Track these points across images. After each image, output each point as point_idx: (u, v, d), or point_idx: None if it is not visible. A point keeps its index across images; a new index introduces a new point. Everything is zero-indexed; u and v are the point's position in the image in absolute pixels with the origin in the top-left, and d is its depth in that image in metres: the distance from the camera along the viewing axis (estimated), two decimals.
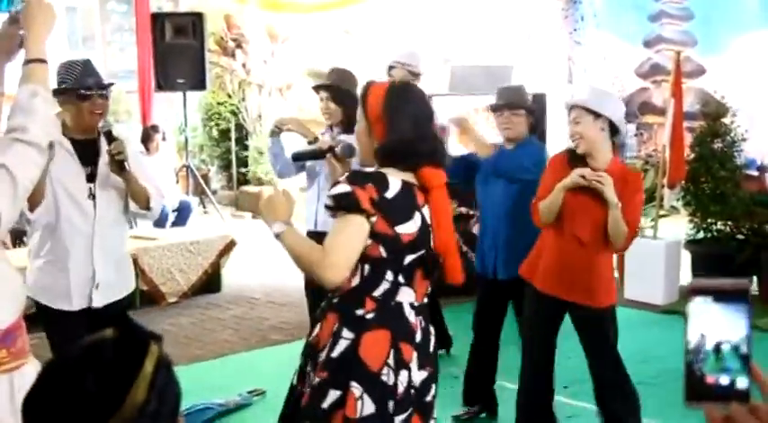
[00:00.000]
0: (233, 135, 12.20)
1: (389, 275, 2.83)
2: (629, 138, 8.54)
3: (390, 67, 5.78)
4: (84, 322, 3.99)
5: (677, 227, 7.86)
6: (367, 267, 2.82)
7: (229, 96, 12.13)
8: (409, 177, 2.87)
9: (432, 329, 3.03)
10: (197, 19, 9.74)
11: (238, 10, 11.51)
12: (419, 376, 2.88)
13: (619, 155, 8.20)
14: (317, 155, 3.01)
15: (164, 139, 9.84)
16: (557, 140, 7.63)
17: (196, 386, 5.24)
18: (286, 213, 2.88)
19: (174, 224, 9.16)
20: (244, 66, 12.02)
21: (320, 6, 10.37)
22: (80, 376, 1.37)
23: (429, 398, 2.95)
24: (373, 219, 2.77)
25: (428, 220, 2.88)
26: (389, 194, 2.79)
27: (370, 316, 2.82)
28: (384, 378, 2.78)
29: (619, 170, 4.06)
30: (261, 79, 12.04)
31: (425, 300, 2.98)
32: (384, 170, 2.86)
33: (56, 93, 3.81)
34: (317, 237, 5.66)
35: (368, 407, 2.75)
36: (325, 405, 2.78)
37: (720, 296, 1.08)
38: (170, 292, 7.59)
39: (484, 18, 10.92)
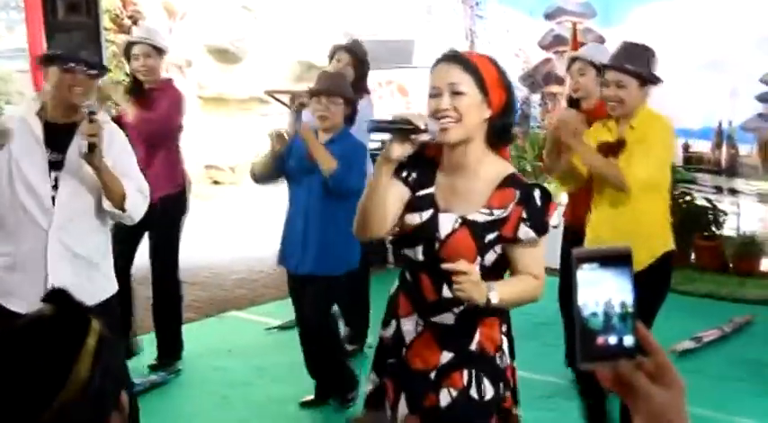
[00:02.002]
0: None
1: None
2: (533, 107, 8.74)
3: (132, 45, 5.60)
4: None
5: None
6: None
7: (127, 75, 11.87)
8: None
9: None
10: None
11: None
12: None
13: (523, 125, 8.47)
14: (410, 131, 2.61)
15: None
16: None
17: None
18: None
19: None
20: None
21: None
22: (21, 355, 1.33)
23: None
24: None
25: None
26: None
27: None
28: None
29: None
30: None
31: None
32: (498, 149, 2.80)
33: (45, 59, 3.66)
34: None
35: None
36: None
37: (605, 262, 1.14)
38: None
39: None
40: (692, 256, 7.69)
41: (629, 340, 1.13)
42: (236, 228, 9.73)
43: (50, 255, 3.59)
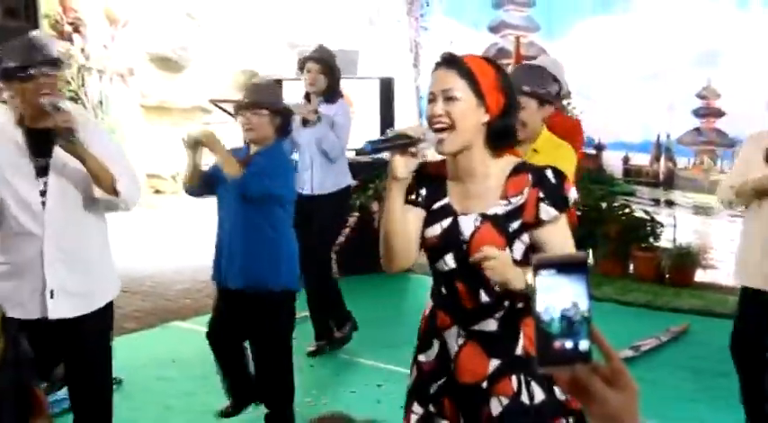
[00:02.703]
0: None
1: None
2: None
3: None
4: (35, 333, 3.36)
5: None
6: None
7: (68, 82, 11.77)
8: None
9: None
10: (30, 1, 9.42)
11: None
12: None
13: None
14: (407, 145, 2.60)
15: None
16: (404, 121, 7.83)
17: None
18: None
19: None
20: (82, 50, 11.70)
21: None
22: None
23: None
24: None
25: None
26: None
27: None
28: None
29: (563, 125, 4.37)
30: (101, 64, 11.75)
31: None
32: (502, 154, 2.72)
33: (4, 76, 3.50)
34: (314, 200, 5.96)
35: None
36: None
37: (562, 268, 1.17)
38: None
39: (327, 3, 11.03)
40: (631, 267, 7.85)
41: (584, 345, 1.15)
42: (180, 237, 9.68)
43: (47, 260, 3.55)
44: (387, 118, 7.87)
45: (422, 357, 2.85)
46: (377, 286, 6.42)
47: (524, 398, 2.69)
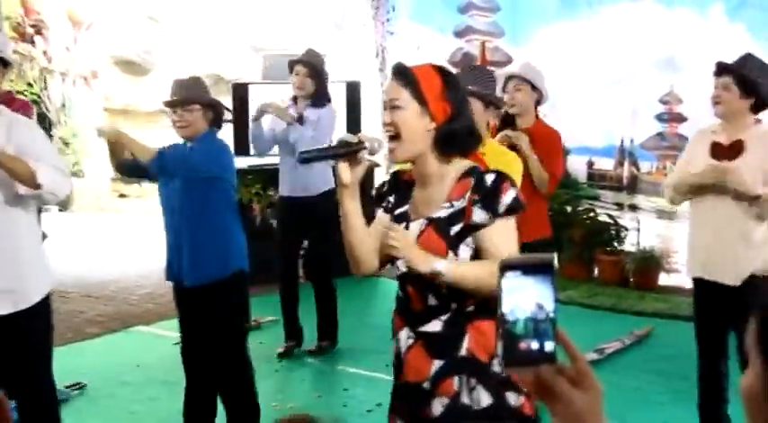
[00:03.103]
0: None
1: None
2: None
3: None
4: None
5: None
6: None
7: (30, 85, 11.68)
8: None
9: None
10: None
11: None
12: None
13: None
14: (343, 154, 2.66)
15: None
16: (371, 126, 7.84)
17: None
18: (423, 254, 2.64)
19: None
20: (45, 53, 11.63)
21: None
22: None
23: None
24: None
25: None
26: None
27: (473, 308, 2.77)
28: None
29: (543, 131, 4.79)
30: (64, 67, 11.69)
31: None
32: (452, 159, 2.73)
33: None
34: (303, 202, 6.04)
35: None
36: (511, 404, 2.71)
37: (528, 270, 1.17)
38: None
39: (292, 6, 11.03)
40: (595, 271, 7.92)
41: (549, 346, 1.16)
42: (144, 241, 9.61)
43: None
44: (353, 122, 7.88)
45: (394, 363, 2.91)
46: (345, 290, 6.42)
47: (465, 399, 2.70)
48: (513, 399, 2.70)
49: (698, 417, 4.43)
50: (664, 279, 7.68)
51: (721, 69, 4.22)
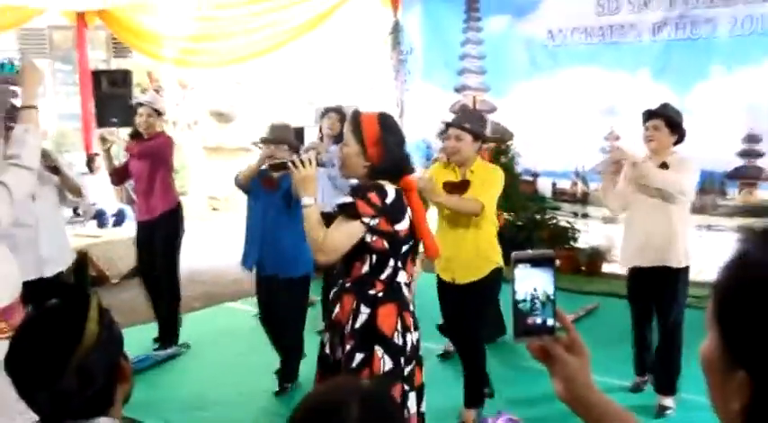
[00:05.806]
0: None
1: (391, 262, 2.70)
2: (439, 153, 8.85)
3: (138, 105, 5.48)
4: None
5: None
6: (374, 257, 2.68)
7: None
8: (395, 185, 2.73)
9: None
10: (126, 74, 9.52)
11: (157, 67, 11.32)
12: (416, 336, 2.78)
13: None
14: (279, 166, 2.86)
15: None
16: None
17: (136, 343, 5.19)
18: (315, 191, 2.69)
19: (115, 225, 9.11)
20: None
21: (218, 63, 10.32)
22: (46, 324, 1.42)
23: (421, 351, 2.85)
24: (374, 221, 2.62)
25: (410, 215, 2.76)
26: (389, 200, 2.64)
27: (380, 294, 2.70)
28: (396, 340, 2.68)
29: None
30: (175, 117, 11.83)
31: (412, 278, 2.85)
32: (380, 182, 2.69)
33: None
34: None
35: (387, 363, 2.65)
36: (353, 365, 2.64)
37: (535, 262, 1.12)
38: (113, 274, 7.42)
39: (338, 71, 11.08)
40: (557, 262, 7.86)
41: (550, 321, 1.13)
42: (229, 241, 9.67)
43: None
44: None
45: None
46: None
47: (338, 353, 2.73)
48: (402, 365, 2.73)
49: (632, 366, 4.50)
50: (606, 267, 7.62)
51: (651, 114, 4.20)
